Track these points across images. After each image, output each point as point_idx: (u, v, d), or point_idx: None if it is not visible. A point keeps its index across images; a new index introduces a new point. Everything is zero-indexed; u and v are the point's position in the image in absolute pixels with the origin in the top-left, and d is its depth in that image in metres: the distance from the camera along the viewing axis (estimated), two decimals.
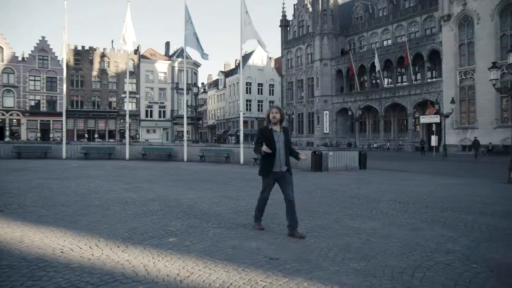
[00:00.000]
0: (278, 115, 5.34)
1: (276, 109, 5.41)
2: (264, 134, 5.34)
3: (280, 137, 5.34)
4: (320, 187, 11.08)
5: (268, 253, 4.48)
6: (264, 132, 5.38)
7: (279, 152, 5.29)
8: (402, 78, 47.20)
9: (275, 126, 5.37)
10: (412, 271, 3.95)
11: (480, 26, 36.54)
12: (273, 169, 5.31)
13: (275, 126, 5.37)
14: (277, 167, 5.32)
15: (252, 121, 71.42)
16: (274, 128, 5.36)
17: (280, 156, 5.31)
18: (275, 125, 5.36)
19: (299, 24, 61.39)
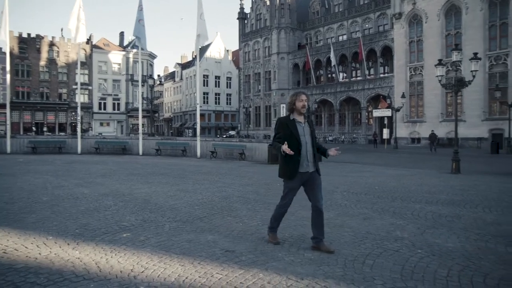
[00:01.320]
0: (307, 103, 4.40)
1: (305, 95, 4.41)
2: (286, 127, 4.32)
3: (305, 130, 4.38)
4: (276, 179, 11.18)
5: (224, 246, 4.49)
6: (285, 123, 4.35)
7: (306, 148, 4.31)
8: (356, 73, 48.59)
9: (299, 117, 4.39)
10: (363, 258, 4.10)
11: (428, 25, 38.28)
12: (299, 169, 4.32)
13: (299, 117, 4.39)
14: (304, 167, 4.32)
15: (210, 114, 70.91)
16: (297, 119, 4.38)
17: (308, 153, 4.32)
18: (299, 115, 4.39)
19: (257, 17, 61.42)
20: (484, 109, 34.35)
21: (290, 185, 4.44)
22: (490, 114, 34.30)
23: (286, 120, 4.40)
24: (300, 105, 4.34)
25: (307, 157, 4.31)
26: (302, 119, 4.40)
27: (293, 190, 4.47)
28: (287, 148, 4.14)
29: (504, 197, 8.32)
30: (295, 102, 4.36)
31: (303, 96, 4.39)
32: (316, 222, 4.38)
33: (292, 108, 4.39)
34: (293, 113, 4.40)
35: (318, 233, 4.37)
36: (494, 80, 33.72)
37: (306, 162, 4.32)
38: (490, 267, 3.87)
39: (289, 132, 4.28)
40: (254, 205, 7.02)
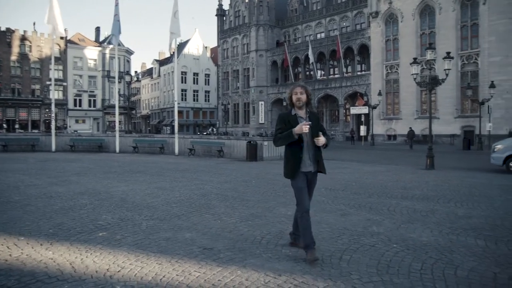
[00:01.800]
0: (303, 96, 4.08)
1: (300, 88, 4.11)
2: (288, 123, 4.06)
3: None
4: (255, 176, 11.24)
5: (202, 243, 4.48)
6: (285, 118, 4.12)
7: (307, 146, 4.05)
8: (334, 71, 49.09)
9: (299, 111, 4.12)
10: (341, 254, 4.16)
11: (403, 24, 38.99)
12: (301, 168, 4.04)
13: (299, 111, 4.12)
14: (305, 166, 4.05)
15: (188, 111, 70.35)
16: (299, 114, 4.12)
17: (310, 151, 4.06)
18: (299, 109, 4.13)
19: (235, 14, 61.18)
20: (456, 107, 35.29)
21: (296, 185, 4.09)
22: (462, 111, 35.27)
23: (287, 115, 4.14)
24: (294, 98, 4.10)
25: (309, 155, 4.05)
26: (303, 113, 4.10)
27: (302, 190, 4.07)
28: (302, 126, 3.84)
29: (474, 191, 8.59)
30: (291, 96, 4.13)
31: (298, 88, 4.10)
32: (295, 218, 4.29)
33: (291, 102, 4.16)
34: (294, 108, 4.16)
35: (297, 229, 4.25)
36: (466, 78, 34.66)
37: (308, 161, 4.04)
38: (461, 259, 4.00)
39: (290, 128, 3.99)
40: (233, 202, 7.02)
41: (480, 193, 8.43)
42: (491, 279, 3.50)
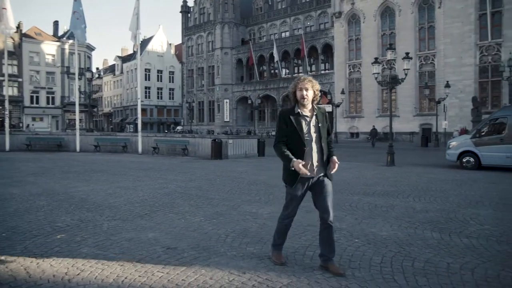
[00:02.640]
0: (310, 92, 3.49)
1: (307, 82, 3.49)
2: (290, 122, 3.51)
3: (312, 126, 3.54)
4: (220, 174, 11.20)
5: (165, 243, 4.42)
6: (287, 118, 3.53)
7: (311, 148, 3.51)
8: (298, 69, 49.68)
9: (304, 109, 3.54)
10: (304, 250, 4.23)
11: (365, 25, 40.03)
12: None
13: (304, 109, 3.54)
14: (308, 171, 3.50)
15: (152, 109, 69.10)
16: (303, 112, 3.53)
17: (314, 155, 3.52)
18: (304, 107, 3.53)
19: (200, 11, 60.60)
20: (415, 105, 36.66)
21: (292, 192, 3.63)
22: (421, 110, 36.69)
23: (289, 113, 3.55)
24: (299, 95, 3.49)
25: (312, 159, 3.51)
26: (309, 112, 3.55)
27: (295, 198, 3.64)
28: (304, 169, 3.37)
29: (431, 186, 8.96)
30: (295, 91, 3.53)
31: (304, 83, 3.48)
32: (324, 236, 3.65)
33: (294, 98, 3.57)
34: (297, 104, 3.55)
35: (326, 250, 3.64)
36: (423, 78, 36.07)
37: (310, 165, 3.51)
38: (418, 252, 4.16)
39: (292, 129, 3.48)
40: (197, 201, 6.96)
41: (436, 188, 8.80)
42: (444, 269, 3.67)
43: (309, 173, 3.44)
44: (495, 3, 32.23)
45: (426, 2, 36.19)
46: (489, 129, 13.78)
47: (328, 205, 3.57)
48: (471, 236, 4.81)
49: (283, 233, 3.84)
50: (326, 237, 3.63)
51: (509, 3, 31.33)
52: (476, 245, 4.45)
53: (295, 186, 3.55)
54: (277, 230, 3.85)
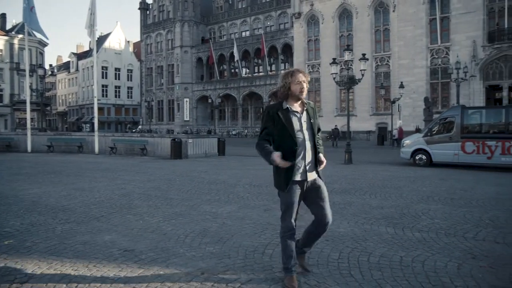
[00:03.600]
0: (306, 84, 3.17)
1: (303, 74, 3.16)
2: (278, 119, 3.12)
3: (304, 122, 3.18)
4: (179, 174, 11.06)
5: (123, 245, 4.30)
6: (274, 114, 3.14)
7: (305, 148, 3.14)
8: (258, 69, 50.00)
9: (295, 103, 3.18)
10: (263, 248, 4.25)
11: (324, 26, 40.88)
12: (293, 176, 3.12)
13: (295, 103, 3.18)
14: (301, 174, 3.14)
15: (109, 107, 67.12)
16: (293, 108, 3.17)
17: (307, 155, 3.15)
18: (295, 102, 3.19)
19: (160, 9, 59.50)
20: (371, 105, 37.90)
21: (285, 199, 3.18)
22: (377, 109, 37.97)
23: (277, 109, 3.15)
24: (297, 89, 3.11)
25: (305, 160, 3.13)
26: (299, 107, 3.18)
27: (291, 205, 3.17)
28: (282, 161, 3.01)
29: (386, 183, 9.30)
30: (290, 85, 3.12)
31: (300, 75, 3.14)
32: (312, 233, 3.39)
33: (286, 93, 3.16)
34: (287, 99, 3.17)
35: (305, 243, 3.46)
36: (379, 79, 37.37)
37: (303, 167, 3.13)
38: (373, 247, 4.30)
39: (281, 126, 3.10)
40: (156, 202, 6.84)
41: (391, 184, 9.15)
42: (398, 262, 3.82)
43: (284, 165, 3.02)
44: (444, 9, 33.93)
45: (381, 5, 37.48)
46: (439, 128, 14.49)
47: (327, 206, 3.24)
48: (422, 230, 5.04)
49: (289, 251, 3.22)
50: (316, 235, 3.40)
51: (455, 10, 33.09)
52: (427, 238, 4.66)
53: (288, 190, 3.12)
54: (282, 249, 3.29)
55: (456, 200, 7.19)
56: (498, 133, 13.35)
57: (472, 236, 4.78)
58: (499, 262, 3.85)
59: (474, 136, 13.53)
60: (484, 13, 32.02)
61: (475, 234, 4.85)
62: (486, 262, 3.86)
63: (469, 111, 14.64)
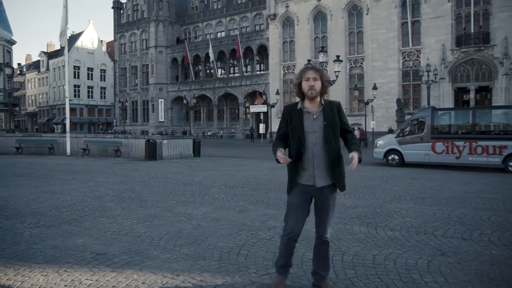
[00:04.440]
0: (318, 83, 2.96)
1: (314, 71, 2.97)
2: (288, 119, 3.06)
3: (316, 124, 2.99)
4: (154, 176, 10.91)
5: (95, 249, 4.21)
6: (287, 114, 3.08)
7: (313, 152, 2.98)
8: (234, 70, 49.95)
9: (310, 103, 3.02)
10: (239, 249, 4.25)
11: (299, 28, 41.24)
12: (299, 179, 3.04)
13: (310, 103, 3.02)
14: (307, 177, 3.01)
15: (82, 108, 65.62)
16: (308, 107, 3.02)
17: (315, 158, 2.98)
18: (311, 101, 3.01)
19: (134, 8, 58.58)
20: (346, 106, 38.42)
21: (289, 200, 3.13)
22: (351, 110, 38.56)
23: (291, 109, 3.08)
24: (306, 86, 2.96)
25: (313, 163, 2.97)
26: (315, 107, 3.01)
27: (294, 207, 3.09)
28: (283, 156, 2.91)
29: (360, 183, 9.46)
30: (301, 82, 3.01)
31: (311, 72, 2.96)
32: (318, 252, 3.23)
33: (300, 91, 3.04)
34: (303, 99, 3.06)
35: (319, 267, 3.22)
36: (353, 80, 38.01)
37: (311, 171, 2.98)
38: (347, 246, 4.38)
39: (292, 127, 3.00)
40: (129, 204, 6.73)
41: (365, 184, 9.32)
42: (371, 260, 3.90)
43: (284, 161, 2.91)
44: (415, 13, 34.85)
45: (355, 8, 38.12)
46: (411, 129, 14.87)
47: (326, 220, 3.11)
48: (394, 228, 5.16)
49: (284, 253, 3.18)
50: (321, 253, 3.20)
51: (425, 14, 34.06)
52: (399, 236, 4.78)
53: (292, 192, 3.06)
54: (279, 247, 3.27)
55: (427, 199, 7.39)
56: (466, 134, 13.82)
57: (441, 233, 4.93)
58: (466, 258, 3.99)
59: (443, 137, 13.96)
60: (452, 18, 33.08)
61: (444, 232, 5.01)
62: (454, 258, 3.99)
63: (439, 113, 15.09)
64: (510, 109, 13.95)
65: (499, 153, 12.90)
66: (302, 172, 3.00)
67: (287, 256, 3.18)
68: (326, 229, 3.12)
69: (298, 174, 3.01)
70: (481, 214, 6.06)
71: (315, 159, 2.97)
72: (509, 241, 4.63)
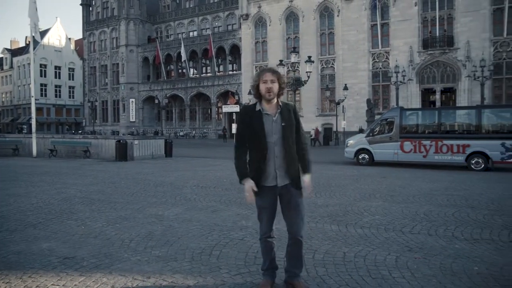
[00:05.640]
0: (275, 85, 2.99)
1: (271, 73, 3.02)
2: (247, 121, 3.05)
3: (276, 125, 3.01)
4: (124, 177, 10.71)
5: (62, 253, 4.10)
6: (246, 116, 3.07)
7: (274, 152, 3.01)
8: (206, 69, 49.65)
9: (268, 105, 3.04)
10: (210, 250, 4.24)
11: (271, 28, 41.46)
12: (263, 182, 3.05)
13: (268, 105, 3.04)
14: (270, 179, 3.04)
15: (49, 108, 63.61)
16: (266, 109, 3.04)
17: (276, 159, 3.02)
18: (268, 102, 3.04)
19: (103, 5, 57.22)
20: (317, 106, 38.98)
21: (258, 202, 3.13)
22: (322, 110, 39.11)
23: (250, 111, 3.05)
24: (263, 88, 2.98)
25: (274, 164, 3.01)
26: (273, 108, 3.03)
27: (264, 209, 3.14)
28: (248, 195, 3.03)
29: (331, 182, 9.61)
30: (258, 85, 3.02)
31: (268, 74, 3.00)
32: (291, 251, 3.23)
33: (258, 93, 3.05)
34: (261, 101, 3.06)
35: (292, 265, 3.25)
36: (325, 81, 38.55)
37: (273, 172, 3.02)
38: (319, 244, 4.44)
39: (251, 129, 3.01)
40: (99, 206, 6.58)
41: (336, 183, 9.47)
42: (341, 258, 3.97)
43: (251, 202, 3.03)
44: (384, 15, 35.71)
45: (326, 10, 38.66)
46: (380, 129, 15.21)
47: (296, 217, 3.12)
48: (364, 226, 5.27)
49: (265, 252, 3.23)
50: (294, 252, 3.21)
51: (394, 17, 34.97)
52: (368, 234, 4.89)
53: (260, 194, 3.06)
54: (260, 249, 3.32)
55: (395, 197, 7.59)
56: (432, 133, 14.28)
57: (409, 230, 5.08)
58: (431, 253, 4.13)
59: (411, 136, 14.37)
60: (419, 21, 34.11)
61: (412, 228, 5.16)
62: (420, 253, 4.12)
63: (407, 113, 15.52)
64: (472, 110, 14.49)
65: (462, 151, 13.40)
66: (265, 173, 3.02)
67: (270, 257, 3.23)
68: (300, 228, 3.14)
69: (261, 177, 3.03)
70: (445, 210, 6.28)
71: (276, 159, 3.01)
72: (470, 235, 4.83)
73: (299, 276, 3.25)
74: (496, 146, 12.93)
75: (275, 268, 3.30)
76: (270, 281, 3.25)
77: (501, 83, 32.01)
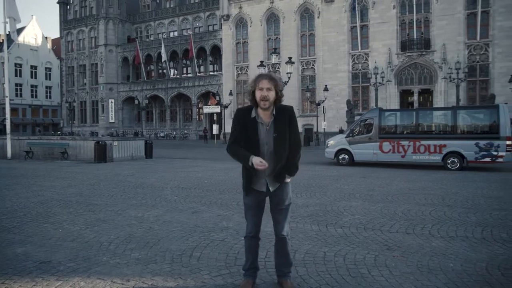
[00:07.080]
0: (271, 93, 2.95)
1: (268, 80, 2.96)
2: (242, 125, 3.06)
3: (268, 135, 3.03)
4: (103, 178, 10.54)
5: (38, 257, 4.00)
6: (241, 120, 3.08)
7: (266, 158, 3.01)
8: (187, 70, 49.36)
9: (263, 113, 3.02)
10: (191, 251, 4.21)
11: (252, 29, 41.52)
12: (254, 185, 3.13)
13: (263, 113, 3.02)
14: (260, 184, 3.12)
15: (24, 108, 61.99)
16: (261, 116, 3.03)
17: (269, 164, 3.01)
18: (264, 110, 3.01)
19: (81, 4, 56.20)
20: (298, 107, 39.16)
21: (245, 201, 3.23)
22: (303, 111, 39.37)
23: (245, 115, 3.06)
24: (259, 95, 2.95)
25: (264, 172, 3.04)
26: (267, 117, 3.02)
27: (250, 209, 3.22)
28: (260, 163, 2.88)
29: (312, 182, 9.68)
30: (255, 90, 3.00)
31: (265, 82, 2.95)
32: (277, 250, 3.31)
33: (254, 99, 3.02)
34: (257, 107, 3.04)
35: (280, 264, 3.31)
36: (305, 82, 38.84)
37: (263, 179, 3.09)
38: (299, 244, 4.47)
39: (245, 135, 3.04)
40: (77, 208, 6.45)
41: (316, 183, 9.55)
42: (321, 258, 4.01)
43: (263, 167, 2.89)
44: (363, 18, 36.25)
45: (307, 11, 38.97)
46: (360, 129, 15.41)
47: (281, 218, 3.22)
48: (344, 226, 5.33)
49: (248, 252, 3.28)
50: (280, 250, 3.27)
51: (373, 19, 35.54)
52: (348, 233, 4.95)
53: (249, 194, 3.14)
54: (244, 248, 3.37)
55: (375, 196, 7.71)
56: (410, 134, 14.55)
57: (387, 229, 5.17)
58: (409, 251, 4.21)
59: (390, 137, 14.61)
60: (397, 23, 34.77)
61: (390, 227, 5.25)
62: (398, 252, 4.19)
63: (386, 114, 15.78)
64: (448, 111, 14.83)
65: (439, 151, 13.71)
66: (256, 179, 3.09)
67: (252, 256, 3.27)
68: (283, 226, 3.22)
69: (252, 181, 3.10)
70: (423, 209, 6.42)
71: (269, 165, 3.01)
72: (446, 233, 4.95)
73: (287, 276, 3.29)
74: (470, 146, 13.27)
75: (256, 268, 3.34)
76: (251, 281, 3.28)
77: (475, 85, 32.94)
